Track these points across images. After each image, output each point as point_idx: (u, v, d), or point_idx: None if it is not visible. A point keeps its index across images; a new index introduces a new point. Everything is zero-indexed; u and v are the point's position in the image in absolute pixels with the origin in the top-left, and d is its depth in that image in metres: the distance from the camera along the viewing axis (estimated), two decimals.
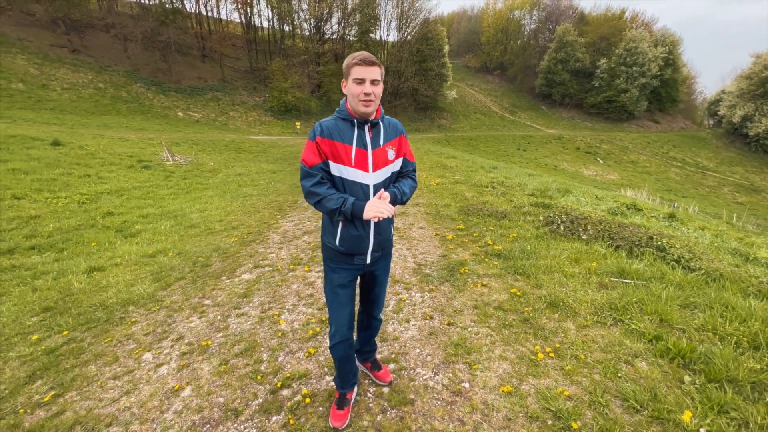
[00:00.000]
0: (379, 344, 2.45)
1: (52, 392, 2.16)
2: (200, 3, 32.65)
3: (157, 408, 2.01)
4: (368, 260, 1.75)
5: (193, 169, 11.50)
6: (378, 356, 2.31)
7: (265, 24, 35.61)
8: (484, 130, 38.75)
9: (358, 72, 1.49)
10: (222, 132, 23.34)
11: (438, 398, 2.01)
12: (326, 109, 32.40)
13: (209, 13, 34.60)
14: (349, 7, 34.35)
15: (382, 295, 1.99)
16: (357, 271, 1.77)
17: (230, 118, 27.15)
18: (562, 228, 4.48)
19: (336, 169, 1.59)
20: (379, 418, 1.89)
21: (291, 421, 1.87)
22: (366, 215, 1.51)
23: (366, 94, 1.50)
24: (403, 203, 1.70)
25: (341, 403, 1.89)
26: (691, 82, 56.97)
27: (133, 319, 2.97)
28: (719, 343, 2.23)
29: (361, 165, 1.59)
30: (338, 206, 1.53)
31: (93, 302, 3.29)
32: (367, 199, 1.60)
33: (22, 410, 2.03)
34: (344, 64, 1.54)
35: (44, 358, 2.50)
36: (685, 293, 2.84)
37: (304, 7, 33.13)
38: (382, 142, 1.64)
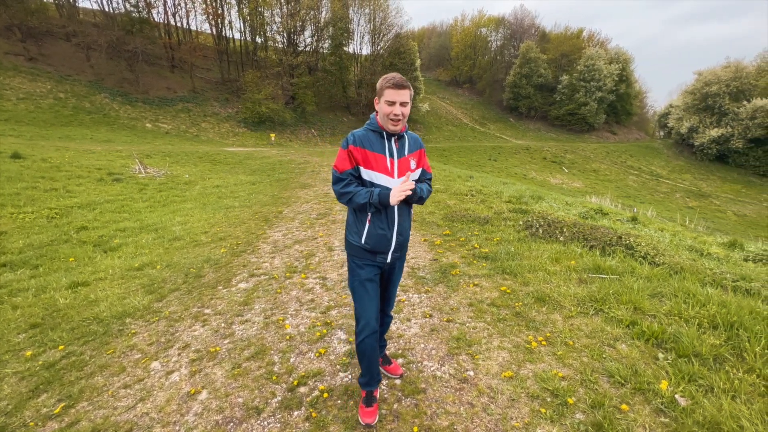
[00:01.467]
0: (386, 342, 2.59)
1: (62, 404, 2.14)
2: (169, 13, 32.02)
3: (176, 411, 2.04)
4: (388, 259, 1.91)
5: (168, 182, 11.20)
6: (387, 352, 2.44)
7: (237, 35, 35.36)
8: (457, 141, 39.99)
9: (389, 95, 1.68)
10: (194, 144, 22.78)
11: (447, 386, 2.18)
12: (300, 121, 32.36)
13: (178, 24, 33.94)
14: (322, 20, 34.80)
15: (395, 293, 2.17)
16: (380, 267, 1.93)
17: (202, 130, 26.54)
18: (540, 231, 4.82)
19: (366, 174, 1.80)
20: (395, 406, 2.03)
21: (313, 414, 1.97)
22: (392, 199, 1.69)
23: (395, 115, 1.71)
24: (421, 201, 1.90)
25: (369, 400, 1.98)
26: (643, 97, 61.63)
27: (133, 331, 2.94)
28: (684, 324, 2.54)
29: (388, 171, 1.80)
30: (367, 198, 1.72)
31: (85, 316, 3.22)
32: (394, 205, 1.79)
33: (32, 423, 2.01)
34: (378, 85, 1.74)
35: (44, 373, 2.45)
36: (653, 284, 3.18)
37: (277, 19, 33.25)
38: (406, 153, 1.86)
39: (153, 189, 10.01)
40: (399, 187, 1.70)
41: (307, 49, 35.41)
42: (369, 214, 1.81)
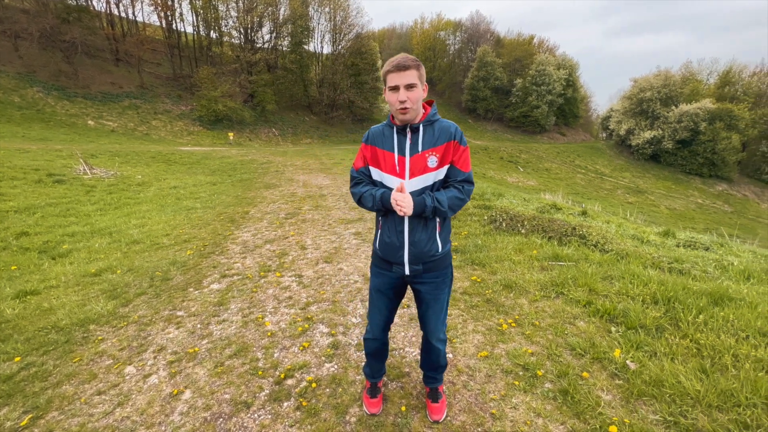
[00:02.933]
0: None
1: (29, 416, 2.01)
2: (111, 2, 29.68)
3: (159, 413, 2.00)
4: (407, 272, 1.65)
5: (119, 183, 10.46)
6: (437, 386, 1.99)
7: (189, 29, 33.55)
8: None
9: (392, 79, 1.43)
10: (144, 143, 21.34)
11: None
12: (260, 120, 31.40)
13: (122, 14, 31.57)
14: (281, 17, 33.99)
15: (434, 318, 1.75)
16: (396, 279, 1.71)
17: (153, 128, 24.93)
18: (504, 225, 5.14)
19: (376, 174, 1.62)
20: (383, 390, 2.12)
21: (304, 404, 2.02)
22: (393, 205, 1.49)
23: (401, 102, 1.43)
24: (440, 215, 1.55)
25: (373, 391, 1.95)
26: (588, 101, 66.48)
27: (100, 337, 2.79)
28: (631, 301, 2.88)
29: (395, 171, 1.56)
30: (371, 202, 1.57)
31: (41, 326, 3.00)
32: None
33: None
34: (382, 72, 1.48)
35: (2, 386, 2.27)
36: (603, 269, 3.54)
37: (233, 14, 31.98)
38: (421, 148, 1.53)
39: (102, 191, 9.32)
40: (396, 197, 1.47)
41: (266, 46, 34.41)
42: (379, 219, 1.66)
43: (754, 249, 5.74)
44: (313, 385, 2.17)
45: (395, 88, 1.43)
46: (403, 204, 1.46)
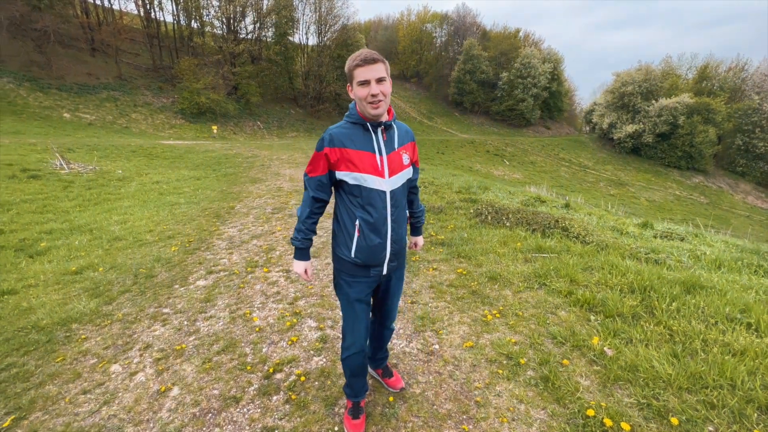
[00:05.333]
0: None
1: (11, 416, 1.98)
2: None
3: (147, 410, 2.00)
4: (384, 271, 1.67)
5: (98, 178, 10.15)
6: (388, 363, 2.20)
7: (169, 18, 32.49)
8: None
9: (360, 73, 1.40)
10: (124, 136, 20.70)
11: (416, 359, 2.37)
12: (244, 113, 30.82)
13: (98, 2, 30.29)
14: (265, 7, 33.21)
15: (396, 306, 1.92)
16: (373, 283, 1.70)
17: (132, 121, 24.18)
18: (489, 218, 5.23)
19: (352, 177, 1.51)
20: (371, 381, 2.17)
21: (293, 397, 2.05)
22: (295, 268, 1.70)
23: (373, 96, 1.41)
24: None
25: (355, 411, 1.85)
26: (572, 95, 67.48)
27: (83, 336, 2.75)
28: (610, 291, 3.00)
29: (377, 171, 1.51)
30: (300, 238, 1.65)
31: (20, 326, 2.93)
32: (385, 208, 1.56)
33: None
34: (346, 68, 1.46)
35: None
36: (584, 260, 3.66)
37: (215, 3, 31.07)
38: (396, 146, 1.57)
39: (80, 186, 9.04)
40: (302, 277, 1.70)
41: (250, 36, 33.61)
42: (356, 223, 1.56)
43: (726, 239, 6.00)
44: (302, 378, 2.20)
45: (365, 83, 1.41)
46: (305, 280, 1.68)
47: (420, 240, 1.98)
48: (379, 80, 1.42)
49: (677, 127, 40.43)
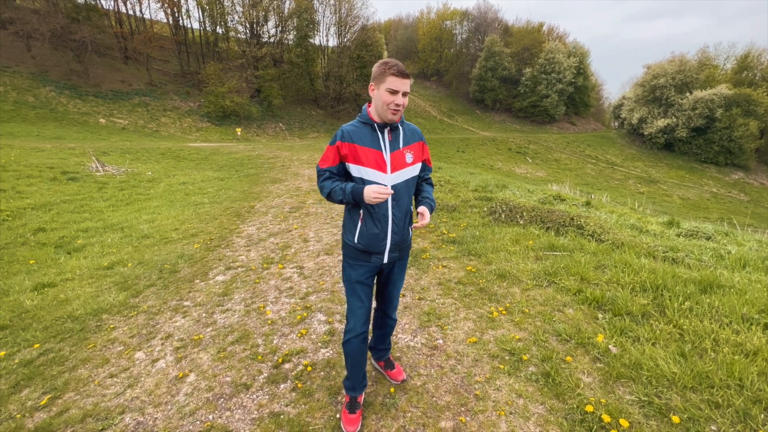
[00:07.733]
0: None
1: (48, 396, 2.19)
2: (119, 0, 30.00)
3: (166, 393, 2.16)
4: (385, 260, 1.80)
5: (130, 180, 10.74)
6: (390, 356, 2.29)
7: (196, 25, 33.78)
8: (425, 134, 40.23)
9: (393, 83, 1.55)
10: (154, 140, 21.73)
11: (419, 353, 2.43)
12: (267, 115, 31.61)
13: (130, 12, 31.90)
14: (286, 11, 33.92)
15: (397, 295, 2.03)
16: (374, 268, 1.83)
17: (162, 125, 25.32)
18: (503, 216, 5.19)
19: (356, 170, 1.68)
20: (373, 373, 2.25)
21: (299, 385, 2.16)
22: (366, 198, 1.59)
23: (397, 105, 1.59)
24: (432, 209, 1.84)
25: (352, 406, 1.91)
26: (599, 89, 65.04)
27: (112, 326, 2.98)
28: (621, 289, 2.94)
29: (380, 166, 1.67)
30: (341, 195, 1.67)
31: (57, 315, 3.20)
32: (387, 200, 1.69)
33: (18, 415, 2.05)
34: (377, 70, 1.60)
35: (23, 370, 2.46)
36: (597, 258, 3.59)
37: (238, 9, 32.04)
38: (401, 145, 1.73)
39: (114, 187, 9.60)
40: (375, 188, 1.59)
41: (272, 40, 34.43)
42: (360, 212, 1.72)
43: (761, 238, 5.69)
44: (309, 368, 2.30)
45: (395, 92, 1.58)
46: (385, 192, 1.59)
47: (426, 213, 1.74)
48: (405, 94, 1.61)
49: (714, 120, 38.22)
